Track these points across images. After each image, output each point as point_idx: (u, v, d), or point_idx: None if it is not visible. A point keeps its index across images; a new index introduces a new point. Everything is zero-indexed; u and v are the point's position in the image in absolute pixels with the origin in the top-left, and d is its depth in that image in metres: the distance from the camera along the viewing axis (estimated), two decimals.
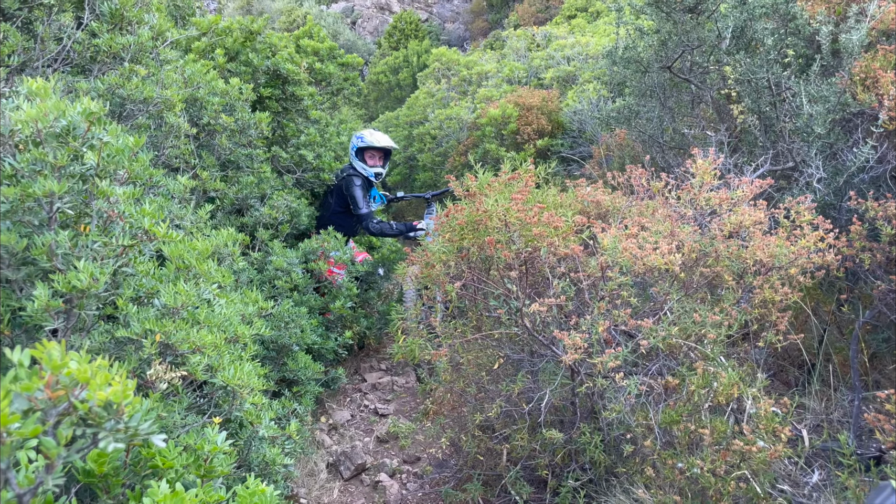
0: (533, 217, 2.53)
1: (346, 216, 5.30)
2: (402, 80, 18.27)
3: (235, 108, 3.75)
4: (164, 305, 1.85)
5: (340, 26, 25.31)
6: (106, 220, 1.76)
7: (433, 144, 9.12)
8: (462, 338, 2.98)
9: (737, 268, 2.57)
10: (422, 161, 9.07)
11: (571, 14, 18.50)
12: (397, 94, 17.62)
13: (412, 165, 9.62)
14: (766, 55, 3.36)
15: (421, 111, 10.12)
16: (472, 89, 10.13)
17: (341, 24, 25.70)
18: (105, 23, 2.74)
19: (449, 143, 8.80)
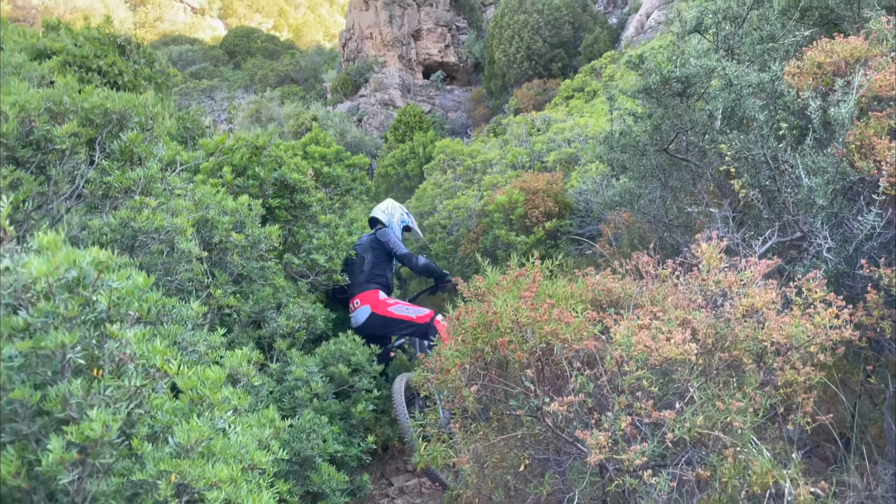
0: (544, 315, 2.53)
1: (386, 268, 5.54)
2: (409, 171, 18.69)
3: (245, 224, 3.85)
4: (178, 444, 1.84)
5: (347, 125, 26.17)
6: (118, 363, 1.78)
7: (444, 234, 9.23)
8: (484, 441, 2.92)
9: (755, 349, 2.53)
10: (434, 250, 9.17)
11: (569, 95, 19.05)
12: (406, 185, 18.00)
13: (425, 255, 9.71)
14: (759, 131, 3.42)
15: (430, 202, 10.31)
16: (478, 177, 10.32)
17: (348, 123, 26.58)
18: (116, 160, 2.85)
19: (459, 231, 8.90)
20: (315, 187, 6.03)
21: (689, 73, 3.46)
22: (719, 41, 3.81)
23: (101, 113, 2.80)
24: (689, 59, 3.47)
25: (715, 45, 3.83)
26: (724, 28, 3.83)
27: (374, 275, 5.47)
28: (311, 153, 7.23)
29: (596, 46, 27.04)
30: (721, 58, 3.62)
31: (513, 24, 28.65)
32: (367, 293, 5.38)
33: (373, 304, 5.31)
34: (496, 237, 7.83)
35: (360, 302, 5.37)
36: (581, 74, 20.54)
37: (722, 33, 3.80)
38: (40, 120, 2.60)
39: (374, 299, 5.33)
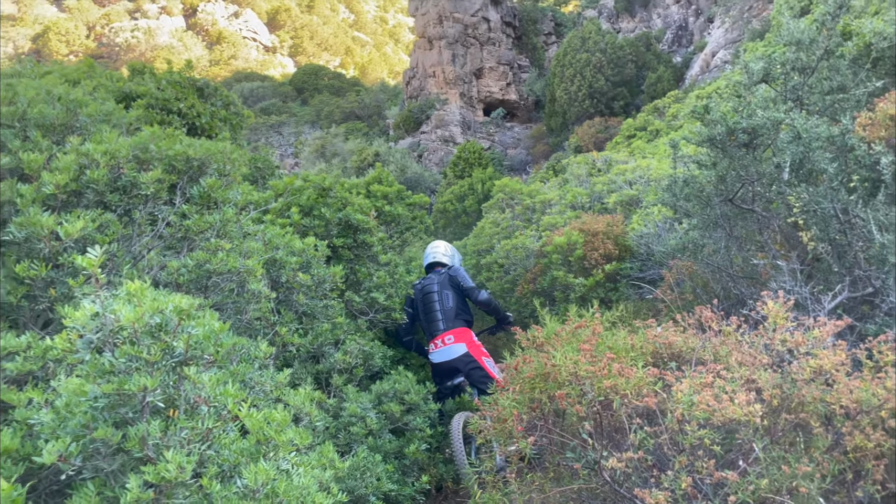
0: (603, 369, 2.52)
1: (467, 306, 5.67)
2: (468, 207, 18.83)
3: (312, 264, 3.97)
4: (245, 485, 1.91)
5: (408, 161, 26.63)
6: (193, 405, 1.87)
7: (501, 273, 9.24)
8: (540, 492, 2.90)
9: (823, 412, 2.45)
10: (491, 289, 9.18)
11: (630, 134, 18.95)
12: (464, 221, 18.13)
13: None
14: (828, 183, 3.36)
15: (487, 240, 10.35)
16: (537, 217, 10.34)
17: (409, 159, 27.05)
18: (195, 204, 3.01)
19: (516, 271, 8.90)
20: (377, 227, 6.17)
21: (756, 124, 3.43)
22: (787, 91, 3.77)
23: (183, 160, 2.97)
24: (756, 111, 3.44)
25: (783, 96, 3.79)
26: (792, 78, 3.79)
27: (460, 311, 5.58)
28: (373, 192, 7.40)
29: (659, 85, 26.90)
30: (789, 109, 3.57)
31: (575, 63, 28.80)
32: (459, 331, 5.44)
33: (469, 343, 5.37)
34: (554, 278, 7.80)
35: (454, 338, 5.40)
36: (643, 113, 20.42)
37: (790, 83, 3.76)
38: (128, 167, 2.77)
39: (469, 339, 5.41)
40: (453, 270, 5.76)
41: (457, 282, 5.68)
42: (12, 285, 2.42)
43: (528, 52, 37.41)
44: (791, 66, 3.72)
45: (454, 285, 5.68)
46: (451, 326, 5.45)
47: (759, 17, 24.35)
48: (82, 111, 3.06)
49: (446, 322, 5.49)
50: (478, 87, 34.54)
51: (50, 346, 2.10)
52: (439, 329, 5.51)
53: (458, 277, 5.68)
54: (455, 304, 5.58)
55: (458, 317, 5.51)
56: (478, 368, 5.31)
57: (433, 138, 31.56)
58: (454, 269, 5.80)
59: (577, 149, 22.57)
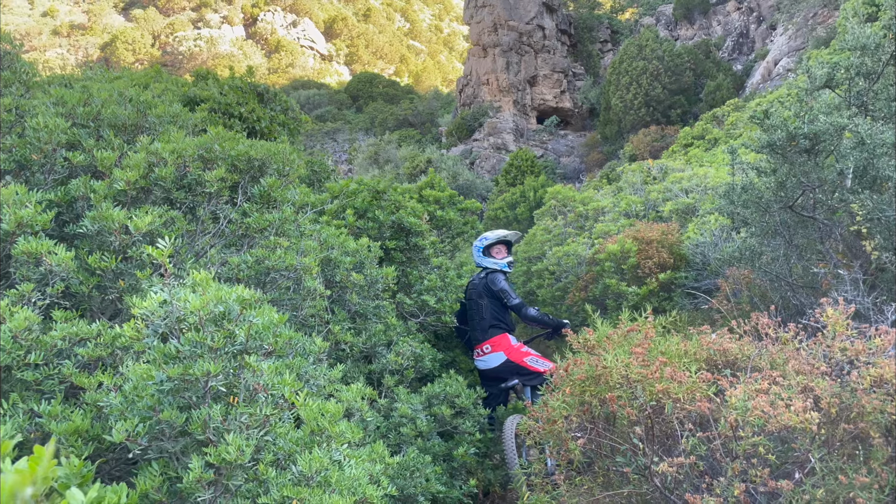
0: (655, 372, 2.51)
1: (505, 312, 5.58)
2: (519, 215, 18.79)
3: (365, 265, 4.04)
4: (300, 472, 1.97)
5: (460, 167, 26.73)
6: (252, 392, 1.94)
7: (552, 280, 9.20)
8: (589, 495, 2.89)
9: (884, 422, 2.38)
10: (541, 296, 9.13)
11: (688, 142, 18.61)
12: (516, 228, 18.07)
13: (532, 300, 9.70)
14: (894, 191, 3.26)
15: (538, 247, 10.32)
16: (589, 224, 10.25)
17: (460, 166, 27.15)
18: (255, 203, 3.11)
19: (568, 278, 8.84)
20: (429, 230, 6.23)
21: (818, 129, 3.35)
22: (851, 97, 3.66)
23: (245, 160, 3.08)
24: (818, 116, 3.36)
25: (847, 102, 3.68)
26: (857, 84, 3.69)
27: (497, 320, 5.53)
28: (426, 197, 7.48)
29: (718, 93, 26.35)
30: (853, 115, 3.48)
31: (631, 71, 28.47)
32: (497, 339, 5.44)
33: (507, 350, 5.38)
34: (606, 286, 7.72)
35: (492, 348, 5.44)
36: (702, 122, 20.03)
37: (855, 89, 3.66)
38: (194, 165, 2.89)
39: (507, 345, 5.40)
40: (493, 282, 5.61)
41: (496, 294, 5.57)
42: (84, 276, 2.55)
43: (583, 60, 37.16)
44: (856, 71, 3.62)
45: (491, 294, 5.59)
46: (488, 336, 5.47)
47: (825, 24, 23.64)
48: (151, 112, 3.21)
49: (482, 332, 5.52)
50: (531, 94, 34.46)
51: (119, 333, 2.21)
52: (477, 339, 5.58)
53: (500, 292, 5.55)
54: (490, 314, 5.54)
55: (493, 326, 5.49)
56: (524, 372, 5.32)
57: (485, 146, 31.61)
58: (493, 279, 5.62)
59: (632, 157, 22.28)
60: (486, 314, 5.56)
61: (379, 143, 30.69)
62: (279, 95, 6.83)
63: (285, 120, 6.47)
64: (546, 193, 12.82)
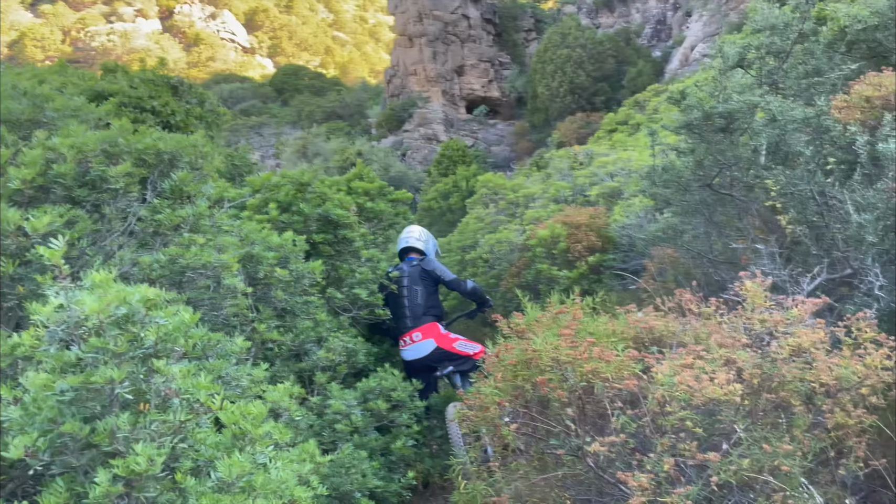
0: (584, 353, 2.51)
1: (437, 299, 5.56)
2: (452, 205, 18.80)
3: (290, 259, 3.92)
4: (220, 478, 1.87)
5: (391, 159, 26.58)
6: (164, 398, 1.82)
7: (485, 267, 9.23)
8: (525, 480, 2.88)
9: (804, 391, 2.45)
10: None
11: (612, 128, 19.01)
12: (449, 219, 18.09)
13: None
14: (805, 166, 3.37)
15: (472, 236, 10.34)
16: (520, 211, 10.34)
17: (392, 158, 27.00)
18: (166, 198, 2.96)
19: (501, 265, 8.89)
20: (358, 222, 6.12)
21: (732, 108, 3.43)
22: (763, 76, 3.77)
23: (153, 153, 2.92)
24: (732, 95, 3.44)
25: (758, 81, 3.79)
26: (767, 63, 3.79)
27: (430, 307, 5.45)
28: (355, 188, 7.35)
29: (640, 79, 27.01)
30: (765, 93, 3.58)
31: (556, 59, 28.87)
32: (427, 326, 5.35)
33: (437, 337, 5.29)
34: (538, 272, 7.79)
35: (422, 335, 5.32)
36: (625, 108, 20.50)
37: (765, 68, 3.76)
38: (96, 161, 2.72)
39: (437, 333, 5.32)
40: (427, 263, 5.58)
41: (433, 276, 5.53)
42: None
43: (508, 49, 37.45)
44: (766, 50, 3.73)
45: (426, 279, 5.53)
46: (420, 324, 5.37)
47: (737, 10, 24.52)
48: (49, 106, 3.00)
49: (413, 320, 5.40)
50: (460, 84, 34.55)
51: (17, 342, 2.05)
52: (406, 326, 5.42)
53: (435, 271, 5.53)
54: (424, 300, 5.46)
55: (426, 313, 5.41)
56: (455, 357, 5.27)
57: (416, 136, 31.53)
58: (428, 261, 5.62)
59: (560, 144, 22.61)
60: (420, 300, 5.45)
61: (307, 136, 30.16)
62: (195, 88, 6.57)
63: (202, 113, 6.23)
64: (477, 182, 12.85)
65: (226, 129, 34.72)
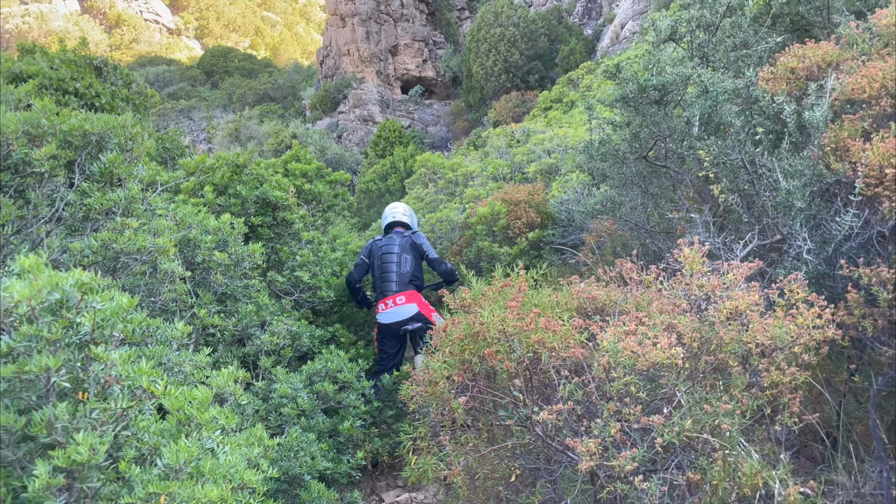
0: (530, 324, 2.54)
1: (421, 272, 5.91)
2: (391, 186, 18.70)
3: (228, 242, 3.82)
4: (166, 465, 1.82)
5: (327, 142, 26.17)
6: (104, 385, 1.76)
7: None
8: (475, 452, 2.91)
9: (740, 352, 2.55)
10: None
11: (547, 106, 19.20)
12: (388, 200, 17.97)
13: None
14: (736, 136, 3.47)
15: None
16: (460, 190, 10.36)
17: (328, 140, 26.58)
18: (95, 182, 2.83)
19: (443, 244, 8.90)
20: (297, 204, 6.02)
21: (665, 81, 3.51)
22: (694, 49, 3.86)
23: (79, 135, 2.78)
24: (665, 68, 3.51)
25: (690, 53, 3.88)
26: (698, 36, 3.89)
27: (415, 276, 5.79)
28: (292, 171, 7.22)
29: (572, 58, 27.32)
30: (696, 65, 3.67)
31: (489, 38, 28.88)
32: (411, 293, 5.69)
33: (420, 304, 5.63)
34: (480, 249, 7.84)
35: (406, 299, 5.63)
36: (559, 86, 20.72)
37: (696, 41, 3.86)
38: (18, 143, 2.57)
39: (420, 300, 5.68)
40: (417, 237, 5.95)
41: (420, 250, 5.90)
42: None
43: (442, 28, 37.26)
44: (696, 23, 3.82)
45: (415, 250, 5.88)
46: (405, 289, 5.67)
47: None
48: None
49: (400, 285, 5.69)
50: (394, 64, 34.20)
51: None
52: (391, 290, 5.67)
53: (422, 246, 5.92)
54: (412, 268, 5.80)
55: (411, 281, 5.74)
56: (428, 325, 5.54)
57: (352, 118, 31.12)
58: (417, 235, 5.97)
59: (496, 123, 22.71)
60: (408, 268, 5.76)
61: (239, 119, 29.40)
62: (121, 69, 6.29)
63: (129, 95, 5.98)
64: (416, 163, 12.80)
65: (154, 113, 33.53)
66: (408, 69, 34.40)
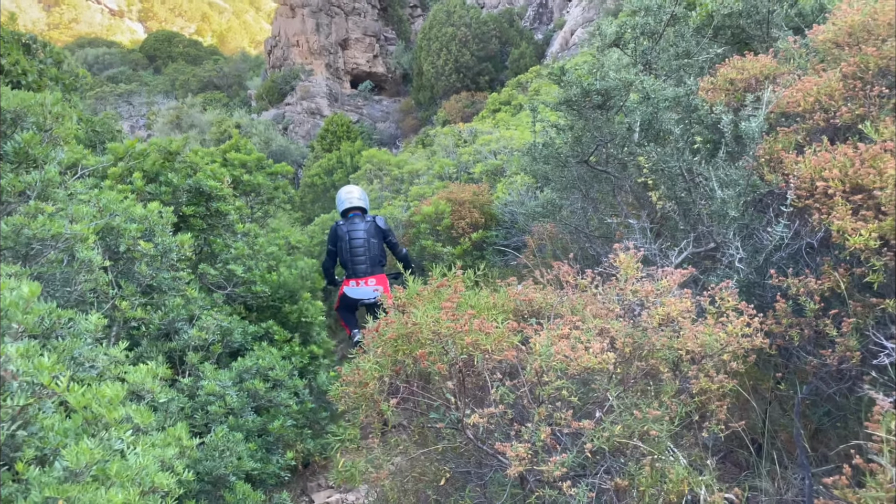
0: (464, 325, 2.49)
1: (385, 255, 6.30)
2: (336, 181, 18.45)
3: (155, 232, 3.66)
4: (66, 467, 1.69)
5: (272, 133, 25.68)
6: (1, 381, 1.62)
7: None
8: (405, 455, 2.85)
9: (671, 358, 2.56)
10: None
11: (496, 108, 19.29)
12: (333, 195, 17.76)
13: None
14: (675, 144, 3.50)
15: None
16: (405, 187, 10.28)
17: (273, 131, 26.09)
18: (9, 162, 2.65)
19: None
20: (234, 195, 5.83)
21: (609, 85, 3.52)
22: (638, 56, 3.89)
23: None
24: (609, 73, 3.52)
25: (634, 60, 3.91)
26: (642, 43, 3.92)
27: (382, 259, 6.18)
28: (230, 160, 7.01)
29: (522, 61, 27.54)
30: (639, 72, 3.70)
31: (441, 37, 28.86)
32: (380, 277, 6.13)
33: (385, 287, 6.03)
34: (423, 248, 7.79)
35: (376, 282, 6.08)
36: (508, 88, 20.85)
37: (640, 48, 3.89)
38: None
39: (386, 285, 6.07)
40: (380, 221, 6.28)
41: (383, 233, 6.25)
42: None
43: (394, 25, 37.06)
44: (641, 30, 3.85)
45: (380, 234, 6.22)
46: (374, 272, 6.09)
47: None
48: None
49: (371, 267, 6.08)
50: (344, 58, 33.84)
51: None
52: (363, 272, 6.08)
53: (386, 232, 6.27)
54: (378, 251, 6.17)
55: (379, 263, 6.15)
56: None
57: (299, 110, 30.63)
58: (380, 219, 6.30)
59: (445, 122, 22.69)
60: (376, 251, 6.14)
61: (181, 106, 28.58)
62: (51, 47, 5.98)
63: (59, 75, 5.68)
64: (362, 158, 12.66)
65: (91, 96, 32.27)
66: (358, 64, 34.09)
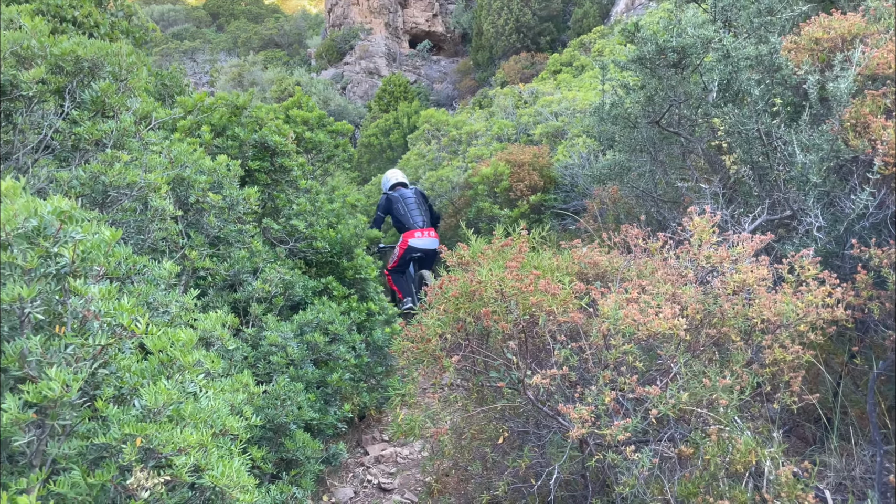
0: (529, 286, 2.46)
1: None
2: (393, 142, 18.44)
3: (223, 184, 3.72)
4: (144, 406, 1.75)
5: (331, 92, 25.78)
6: (82, 320, 1.67)
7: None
8: (463, 412, 2.86)
9: (744, 327, 2.48)
10: None
11: (556, 69, 18.86)
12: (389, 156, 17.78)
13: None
14: (754, 106, 3.35)
15: (412, 172, 10.17)
16: (463, 148, 10.19)
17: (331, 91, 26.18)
18: (86, 110, 2.71)
19: (442, 202, 8.79)
20: (297, 152, 5.88)
21: (686, 42, 3.36)
22: (717, 12, 3.71)
23: (71, 60, 2.65)
24: (686, 29, 3.37)
25: (712, 17, 3.73)
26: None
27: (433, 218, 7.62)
28: (293, 117, 7.06)
29: (585, 21, 26.75)
30: (718, 29, 3.52)
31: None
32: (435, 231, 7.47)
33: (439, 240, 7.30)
34: (480, 210, 7.74)
35: (434, 234, 7.42)
36: (570, 49, 20.33)
37: (720, 4, 3.70)
38: (6, 64, 2.45)
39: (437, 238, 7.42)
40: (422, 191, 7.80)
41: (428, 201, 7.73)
42: None
43: None
44: None
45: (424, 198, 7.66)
46: (430, 225, 7.40)
47: None
48: None
49: (426, 223, 7.35)
50: (403, 17, 33.52)
51: None
52: (421, 224, 7.31)
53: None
54: (428, 214, 7.50)
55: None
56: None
57: (357, 70, 30.61)
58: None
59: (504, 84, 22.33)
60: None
61: (243, 64, 28.90)
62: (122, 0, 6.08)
63: (129, 28, 5.78)
64: (420, 118, 12.58)
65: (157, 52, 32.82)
66: (417, 23, 33.73)
